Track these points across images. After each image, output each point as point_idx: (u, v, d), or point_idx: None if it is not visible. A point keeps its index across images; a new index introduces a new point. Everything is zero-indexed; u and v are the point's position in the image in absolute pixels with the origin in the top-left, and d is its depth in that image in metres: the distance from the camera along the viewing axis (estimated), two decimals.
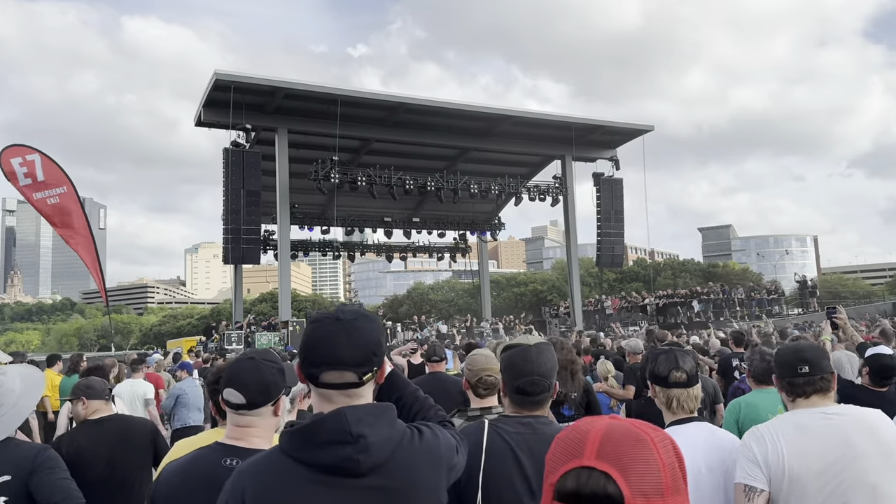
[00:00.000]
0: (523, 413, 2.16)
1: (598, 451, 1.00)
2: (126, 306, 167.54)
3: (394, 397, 1.86)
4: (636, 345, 6.81)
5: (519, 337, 2.32)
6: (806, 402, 2.41)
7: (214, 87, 22.43)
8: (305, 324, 2.14)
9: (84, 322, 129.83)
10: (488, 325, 30.71)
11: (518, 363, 2.13)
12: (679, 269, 76.88)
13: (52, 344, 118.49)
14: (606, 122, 28.85)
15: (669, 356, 2.46)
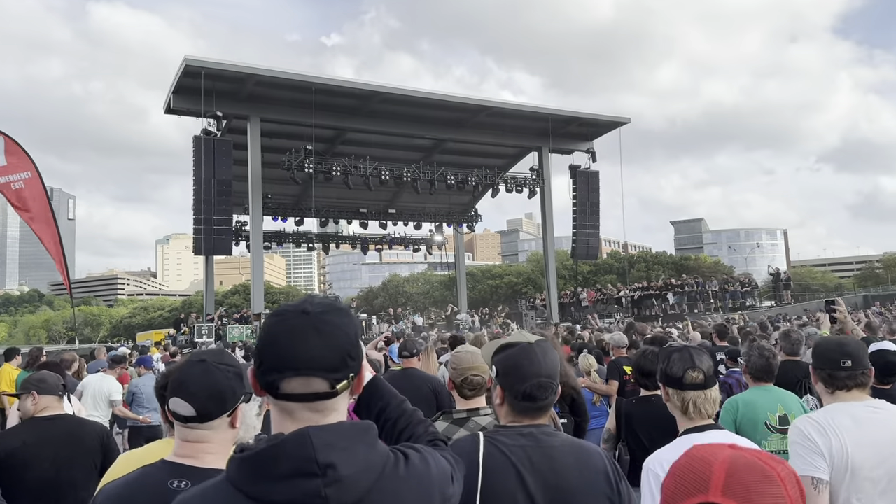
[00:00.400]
0: (524, 422, 1.88)
1: (724, 487, 0.99)
2: (96, 298, 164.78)
3: (375, 412, 1.56)
4: (620, 338, 6.59)
5: (515, 334, 2.03)
6: (847, 395, 2.46)
7: (185, 73, 21.84)
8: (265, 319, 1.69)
9: (52, 314, 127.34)
10: (465, 317, 30.50)
11: (522, 365, 1.85)
12: (652, 261, 77.43)
13: (20, 336, 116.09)
14: (583, 113, 28.74)
15: (684, 355, 2.21)
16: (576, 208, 28.80)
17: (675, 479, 1.08)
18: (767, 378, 3.73)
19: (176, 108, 23.19)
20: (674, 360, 2.22)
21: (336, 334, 1.26)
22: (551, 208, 29.53)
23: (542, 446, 1.83)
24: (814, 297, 41.46)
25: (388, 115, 26.08)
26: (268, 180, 26.19)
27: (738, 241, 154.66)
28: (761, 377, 3.73)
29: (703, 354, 2.22)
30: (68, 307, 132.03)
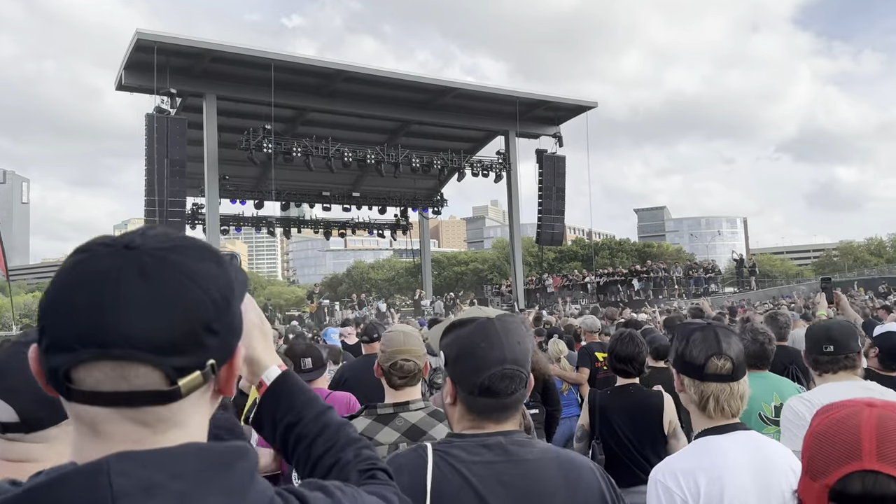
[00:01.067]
0: (486, 427, 1.35)
1: (879, 453, 0.93)
2: None
3: (280, 428, 1.04)
4: (592, 322, 6.16)
5: (469, 309, 1.48)
6: (834, 377, 2.58)
7: (136, 47, 20.77)
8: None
9: (4, 300, 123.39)
10: (429, 303, 30.04)
11: (478, 347, 1.31)
12: (616, 248, 78.06)
13: None
14: (550, 97, 28.34)
15: (708, 335, 1.71)
16: (541, 193, 28.45)
17: (820, 446, 0.97)
18: (762, 365, 3.31)
19: (127, 84, 22.09)
20: (694, 341, 1.72)
21: (183, 287, 0.72)
22: (517, 193, 29.15)
23: (513, 461, 1.31)
24: (774, 283, 41.98)
25: (352, 95, 25.31)
26: (226, 161, 25.26)
27: (700, 229, 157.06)
28: (755, 364, 3.31)
29: (731, 336, 1.73)
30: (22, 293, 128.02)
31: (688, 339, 1.75)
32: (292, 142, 23.55)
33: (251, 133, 22.46)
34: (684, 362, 1.75)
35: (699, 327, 1.77)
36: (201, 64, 22.23)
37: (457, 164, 26.49)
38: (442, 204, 32.26)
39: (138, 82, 21.71)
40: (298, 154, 23.20)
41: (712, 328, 1.75)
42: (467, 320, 1.35)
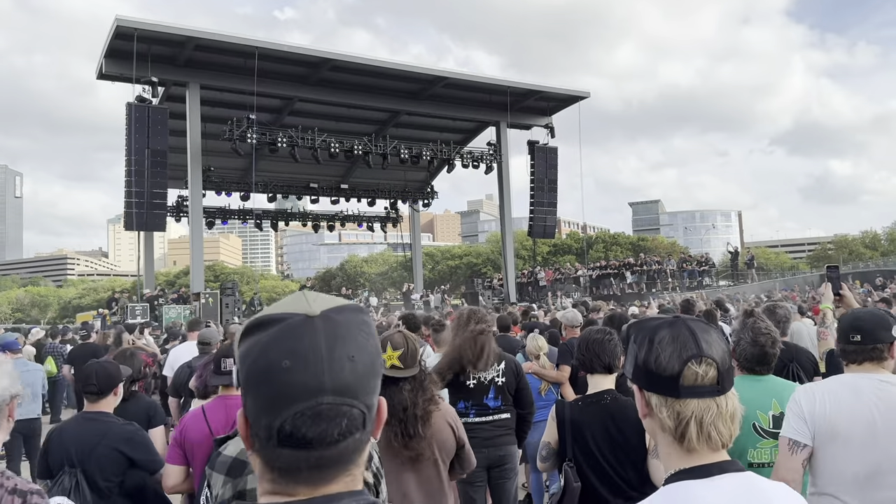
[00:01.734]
0: (295, 494, 0.81)
1: None
2: (44, 278, 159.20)
3: None
4: (574, 316, 5.69)
5: (286, 299, 0.89)
6: (858, 367, 2.46)
7: (116, 34, 20.18)
8: None
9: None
10: (419, 297, 29.59)
11: (276, 366, 0.78)
12: (611, 242, 77.87)
13: None
14: (542, 87, 27.80)
15: (680, 333, 1.19)
16: (533, 185, 27.98)
17: None
18: (763, 369, 2.85)
19: (108, 73, 21.50)
20: (662, 342, 1.19)
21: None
22: (509, 185, 28.67)
23: None
24: (769, 276, 41.66)
25: (339, 84, 24.77)
26: (211, 153, 24.73)
27: (694, 223, 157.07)
28: (752, 367, 2.84)
29: (710, 332, 1.21)
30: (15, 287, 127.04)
31: (652, 340, 1.19)
32: (277, 132, 23.02)
33: (234, 123, 21.93)
34: (649, 373, 1.19)
35: (666, 323, 1.22)
36: (184, 52, 21.67)
37: (447, 155, 26.00)
38: (432, 196, 31.75)
39: (119, 71, 21.12)
40: (283, 144, 22.68)
41: (684, 323, 1.20)
42: (272, 319, 0.82)
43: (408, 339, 2.77)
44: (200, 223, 23.76)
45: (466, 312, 4.13)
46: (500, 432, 4.17)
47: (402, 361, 2.69)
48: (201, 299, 21.36)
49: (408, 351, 2.71)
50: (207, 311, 20.99)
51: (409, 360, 2.71)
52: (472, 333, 4.00)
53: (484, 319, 4.11)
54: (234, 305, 22.31)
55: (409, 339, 2.77)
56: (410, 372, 2.72)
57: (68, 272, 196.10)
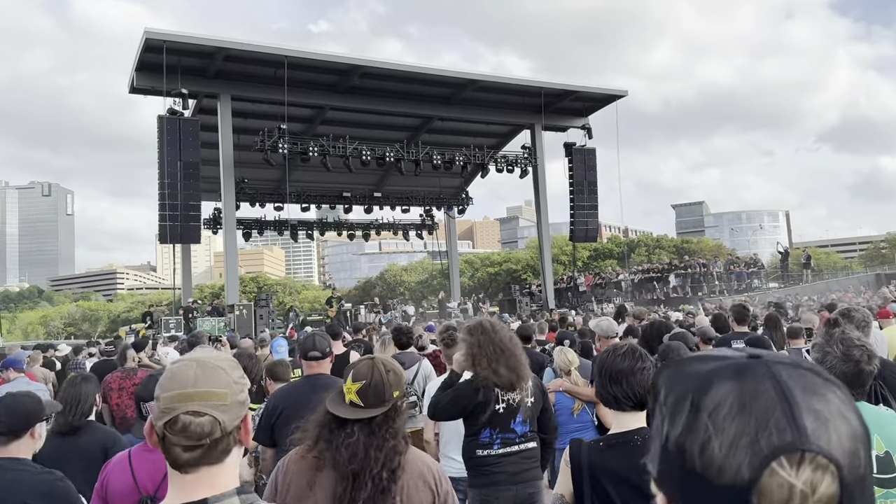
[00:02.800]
0: None
1: None
2: (95, 293, 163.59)
3: None
4: (608, 326, 5.07)
5: None
6: None
7: (146, 48, 20.21)
8: None
9: (51, 310, 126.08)
10: (456, 305, 29.01)
11: None
12: (654, 245, 76.29)
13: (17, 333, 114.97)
14: (578, 87, 27.04)
15: (758, 389, 0.60)
16: (572, 188, 27.18)
17: None
18: (858, 393, 2.18)
19: (139, 86, 21.58)
20: (720, 411, 0.58)
21: None
22: (545, 188, 27.94)
23: None
24: (821, 277, 39.88)
25: (370, 91, 24.46)
26: (245, 164, 24.68)
27: (740, 224, 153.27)
28: None
29: (828, 392, 0.59)
30: (68, 302, 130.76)
31: (698, 406, 0.62)
32: (309, 141, 22.78)
33: (266, 133, 21.76)
34: (690, 475, 0.61)
35: (732, 368, 0.63)
36: (214, 64, 21.63)
37: (480, 160, 25.44)
38: (467, 203, 31.21)
39: (150, 84, 21.16)
40: (315, 154, 22.42)
41: (768, 370, 0.63)
42: None
43: (376, 368, 2.14)
44: (234, 235, 23.66)
45: (486, 322, 3.54)
46: (527, 465, 3.52)
47: (361, 397, 2.09)
48: (235, 311, 21.18)
49: (371, 384, 2.09)
50: (242, 322, 20.80)
51: (373, 397, 2.08)
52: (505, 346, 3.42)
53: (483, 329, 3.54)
54: (269, 317, 22.09)
55: (379, 368, 2.14)
56: (372, 412, 2.09)
57: (118, 286, 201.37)
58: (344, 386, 2.11)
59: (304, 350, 3.67)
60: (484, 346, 3.37)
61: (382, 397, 2.10)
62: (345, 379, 2.13)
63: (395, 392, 2.13)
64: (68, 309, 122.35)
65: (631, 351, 2.31)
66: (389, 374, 2.14)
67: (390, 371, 2.15)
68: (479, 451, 3.43)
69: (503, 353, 3.36)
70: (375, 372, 2.12)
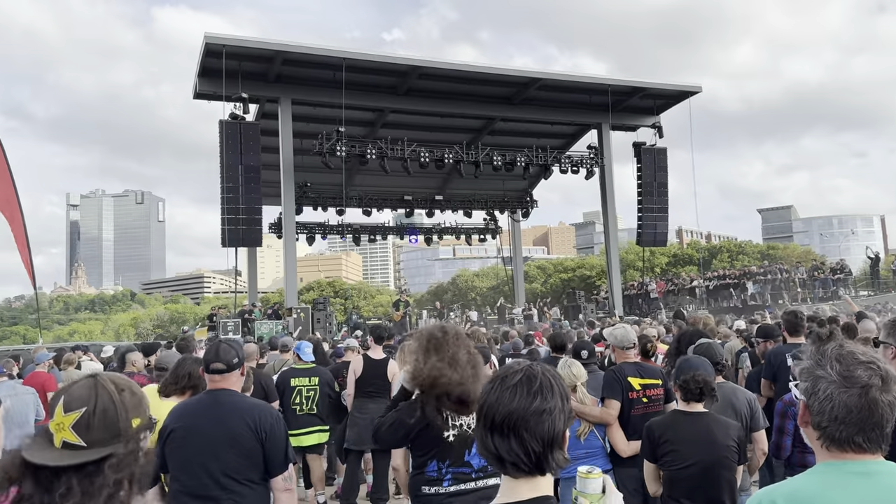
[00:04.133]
0: None
1: None
2: (183, 296, 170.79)
3: None
4: (624, 335, 4.33)
5: None
6: None
7: (206, 52, 20.51)
8: None
9: (141, 312, 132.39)
10: (520, 311, 28.20)
11: None
12: (736, 251, 72.87)
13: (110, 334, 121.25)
14: (647, 83, 25.78)
15: None
16: (641, 189, 25.94)
17: None
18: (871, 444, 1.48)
19: (202, 91, 21.95)
20: None
21: None
22: (612, 189, 26.77)
23: None
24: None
25: (429, 92, 24.09)
26: (307, 169, 24.75)
27: (831, 229, 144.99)
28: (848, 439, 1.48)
29: None
30: (158, 305, 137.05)
31: None
32: (367, 144, 22.59)
33: (324, 136, 21.69)
34: None
35: None
36: (274, 68, 21.76)
37: (543, 161, 24.60)
38: (532, 206, 30.36)
39: (212, 89, 21.45)
40: (373, 156, 22.20)
41: None
42: None
43: (102, 388, 1.52)
44: (293, 238, 23.73)
45: (437, 329, 2.93)
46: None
47: (80, 432, 1.46)
48: (293, 314, 21.17)
49: (95, 412, 1.48)
50: (299, 325, 20.76)
51: (100, 430, 1.47)
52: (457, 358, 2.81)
53: (464, 337, 2.93)
54: (326, 320, 21.99)
55: (107, 388, 1.53)
56: (99, 452, 1.46)
57: (205, 290, 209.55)
58: (52, 421, 1.50)
59: (206, 361, 3.18)
60: (428, 358, 2.78)
61: (115, 429, 1.48)
62: (52, 410, 1.52)
63: (136, 420, 1.53)
64: (157, 311, 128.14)
65: (527, 379, 1.47)
66: (123, 395, 1.53)
67: (124, 391, 1.54)
68: (426, 489, 2.83)
69: (453, 367, 2.75)
70: (101, 393, 1.51)
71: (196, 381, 3.81)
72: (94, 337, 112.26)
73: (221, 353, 3.15)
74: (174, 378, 3.86)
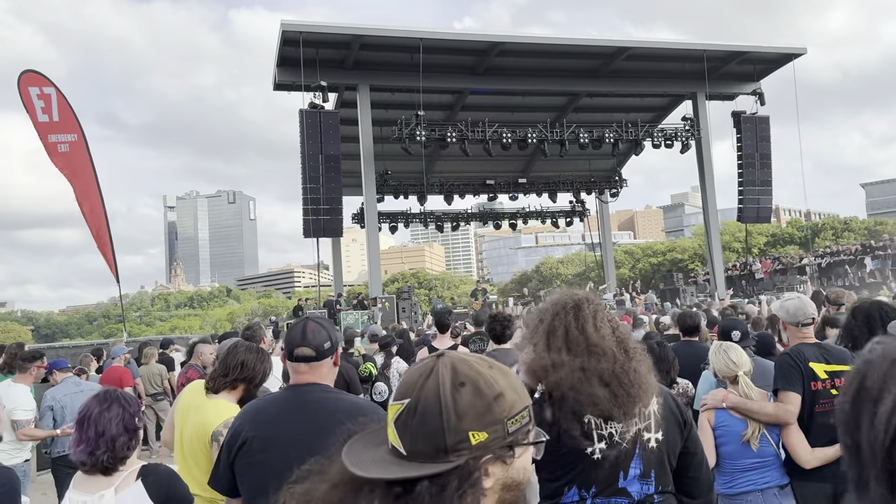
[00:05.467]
0: None
1: None
2: (275, 290, 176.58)
3: None
4: (798, 307, 3.27)
5: None
6: None
7: (284, 41, 20.27)
8: None
9: (237, 307, 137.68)
10: (612, 297, 26.87)
11: None
12: (841, 228, 68.30)
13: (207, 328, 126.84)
14: (747, 47, 23.76)
15: None
16: (741, 162, 24.04)
17: None
18: None
19: (282, 82, 21.75)
20: None
21: None
22: (710, 163, 24.92)
23: None
24: None
25: (509, 70, 23.04)
26: (387, 157, 24.29)
27: None
28: None
29: None
30: (252, 300, 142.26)
31: None
32: (447, 128, 21.85)
33: (403, 122, 21.10)
34: None
35: None
36: (351, 54, 21.32)
37: (634, 135, 23.14)
38: (621, 185, 28.80)
39: (291, 79, 21.20)
40: (453, 139, 21.44)
41: None
42: None
43: (427, 381, 0.98)
44: (375, 227, 23.31)
45: (568, 300, 2.06)
46: None
47: (399, 434, 0.98)
48: (378, 304, 20.75)
49: (415, 412, 0.97)
50: (385, 315, 20.33)
51: (418, 438, 0.96)
52: (604, 340, 1.94)
53: (604, 309, 2.05)
54: (411, 309, 21.47)
55: (429, 383, 0.98)
56: (420, 470, 0.94)
57: (296, 284, 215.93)
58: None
59: (290, 346, 2.32)
60: (553, 345, 1.93)
61: (438, 442, 0.96)
62: None
63: (477, 434, 0.96)
64: (251, 306, 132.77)
65: None
66: (461, 392, 0.97)
67: (465, 385, 0.98)
68: None
69: (595, 353, 1.89)
70: (430, 383, 0.98)
71: (250, 372, 3.11)
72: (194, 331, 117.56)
73: (309, 334, 2.31)
74: (223, 368, 3.17)
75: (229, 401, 3.12)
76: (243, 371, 3.14)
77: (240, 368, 3.15)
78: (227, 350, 3.30)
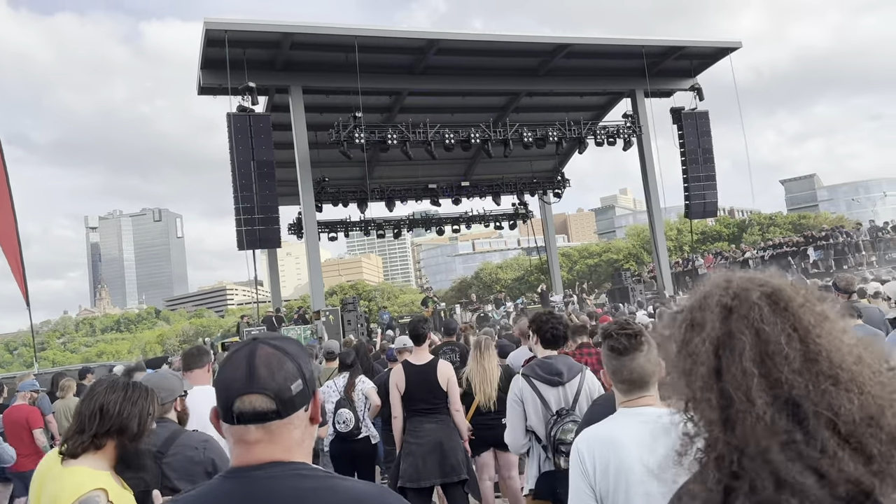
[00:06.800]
0: None
1: None
2: (207, 310, 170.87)
3: None
4: None
5: None
6: None
7: (208, 42, 18.90)
8: None
9: (167, 329, 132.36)
10: (560, 298, 26.41)
11: None
12: (767, 223, 70.59)
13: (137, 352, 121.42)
14: (684, 41, 23.76)
15: None
16: (685, 158, 24.02)
17: None
18: None
19: (207, 85, 20.35)
20: None
21: None
22: (652, 159, 24.79)
23: None
24: None
25: (448, 69, 22.32)
26: (324, 163, 23.15)
27: (858, 195, 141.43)
28: None
29: None
30: (182, 321, 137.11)
31: None
32: (387, 129, 20.90)
33: (341, 125, 20.02)
34: None
35: None
36: (282, 53, 20.12)
37: (577, 133, 22.75)
38: (564, 186, 28.47)
39: (217, 81, 19.79)
40: (394, 142, 20.49)
41: None
42: None
43: None
44: (315, 237, 22.08)
45: (756, 285, 1.09)
46: None
47: None
48: (321, 317, 19.55)
49: None
50: (330, 329, 19.18)
51: None
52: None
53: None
54: (357, 321, 20.36)
55: None
56: None
57: (228, 302, 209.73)
58: None
59: (227, 393, 1.14)
60: (739, 358, 0.96)
61: None
62: None
63: None
64: (182, 327, 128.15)
65: None
66: None
67: None
68: None
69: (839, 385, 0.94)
70: None
71: (117, 420, 2.10)
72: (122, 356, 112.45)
73: (261, 369, 1.22)
74: (78, 422, 2.17)
75: (94, 467, 2.13)
76: (104, 421, 2.16)
77: (98, 418, 2.16)
78: (86, 392, 2.27)
